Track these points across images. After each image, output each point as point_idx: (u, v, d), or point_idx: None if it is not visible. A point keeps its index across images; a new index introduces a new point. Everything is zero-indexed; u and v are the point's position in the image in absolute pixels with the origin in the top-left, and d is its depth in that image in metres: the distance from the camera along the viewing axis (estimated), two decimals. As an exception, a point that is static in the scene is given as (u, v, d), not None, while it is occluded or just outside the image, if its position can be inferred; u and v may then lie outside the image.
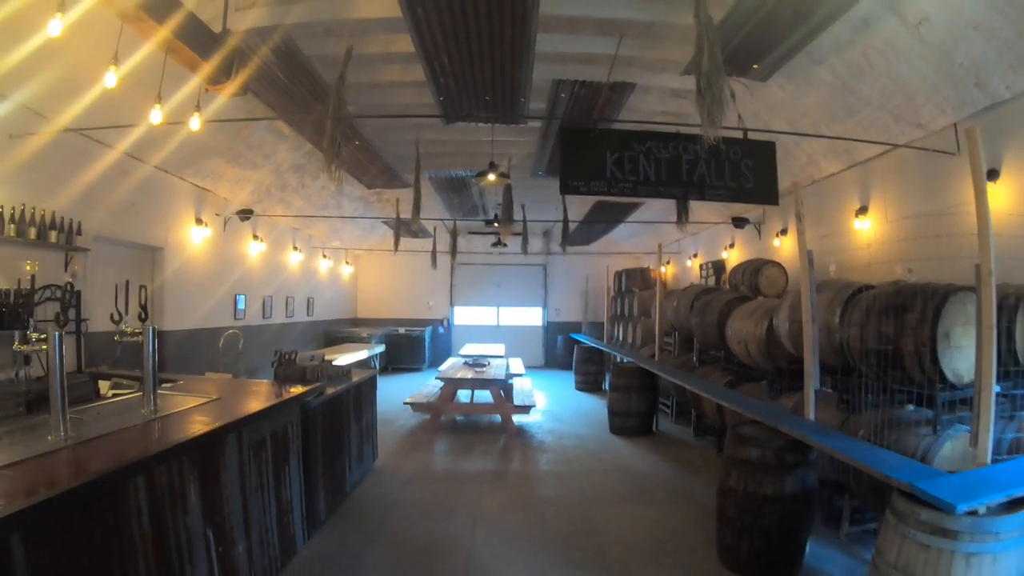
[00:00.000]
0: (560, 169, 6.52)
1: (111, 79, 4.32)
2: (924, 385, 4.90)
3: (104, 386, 5.66)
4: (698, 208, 10.79)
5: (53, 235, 6.64)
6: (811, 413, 5.68)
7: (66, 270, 6.98)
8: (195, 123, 5.25)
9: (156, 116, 4.85)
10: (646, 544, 5.57)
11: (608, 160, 6.59)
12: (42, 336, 3.58)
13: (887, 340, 5.21)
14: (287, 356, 6.05)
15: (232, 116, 7.68)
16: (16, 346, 3.51)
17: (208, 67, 4.72)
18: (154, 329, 3.92)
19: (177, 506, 3.31)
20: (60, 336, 3.13)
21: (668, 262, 17.23)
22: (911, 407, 5.34)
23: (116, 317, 3.92)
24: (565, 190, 6.47)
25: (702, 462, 8.29)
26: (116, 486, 2.83)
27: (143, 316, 3.90)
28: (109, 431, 3.46)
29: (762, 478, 4.93)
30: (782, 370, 7.30)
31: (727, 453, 5.23)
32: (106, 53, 4.53)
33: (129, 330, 3.98)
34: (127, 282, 4.10)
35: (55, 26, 3.77)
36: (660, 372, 9.28)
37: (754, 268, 9.46)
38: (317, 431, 5.55)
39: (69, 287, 3.84)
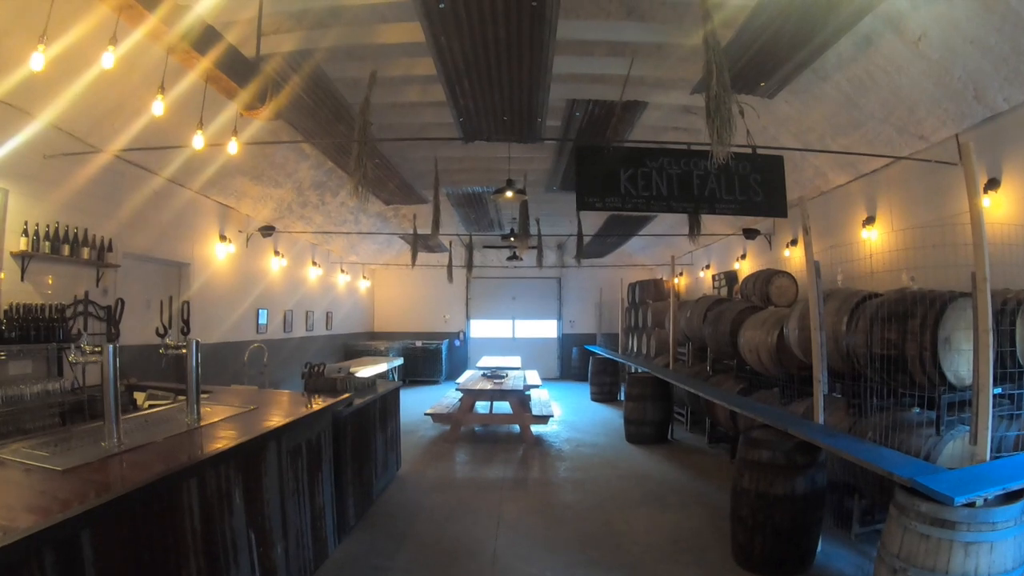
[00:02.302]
0: (576, 186, 6.73)
1: (159, 107, 4.60)
2: (927, 388, 5.06)
3: (140, 397, 5.91)
4: (710, 220, 10.97)
5: (86, 252, 6.89)
6: (820, 417, 5.86)
7: (97, 285, 7.27)
8: (233, 147, 5.55)
9: (199, 142, 5.14)
10: (663, 544, 5.76)
11: (622, 176, 6.78)
12: (96, 349, 3.83)
13: (891, 346, 5.36)
14: (316, 368, 6.31)
15: (259, 139, 7.98)
16: (72, 359, 3.75)
17: (245, 95, 5.00)
18: (197, 343, 4.18)
19: (224, 507, 3.55)
20: (115, 349, 3.38)
21: (681, 273, 17.35)
22: (916, 410, 5.48)
23: (161, 331, 4.18)
24: (582, 206, 6.69)
25: (716, 468, 8.45)
26: (172, 487, 3.07)
27: (185, 330, 4.15)
28: (156, 438, 3.70)
29: (773, 479, 5.10)
30: (793, 377, 7.45)
31: (740, 456, 5.42)
32: (137, 80, 4.81)
33: (172, 343, 4.24)
34: (171, 298, 4.36)
35: (108, 59, 4.04)
36: (674, 381, 9.49)
37: (765, 278, 9.65)
38: (347, 440, 5.80)
39: (119, 303, 4.08)
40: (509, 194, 8.55)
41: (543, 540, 5.85)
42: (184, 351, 4.18)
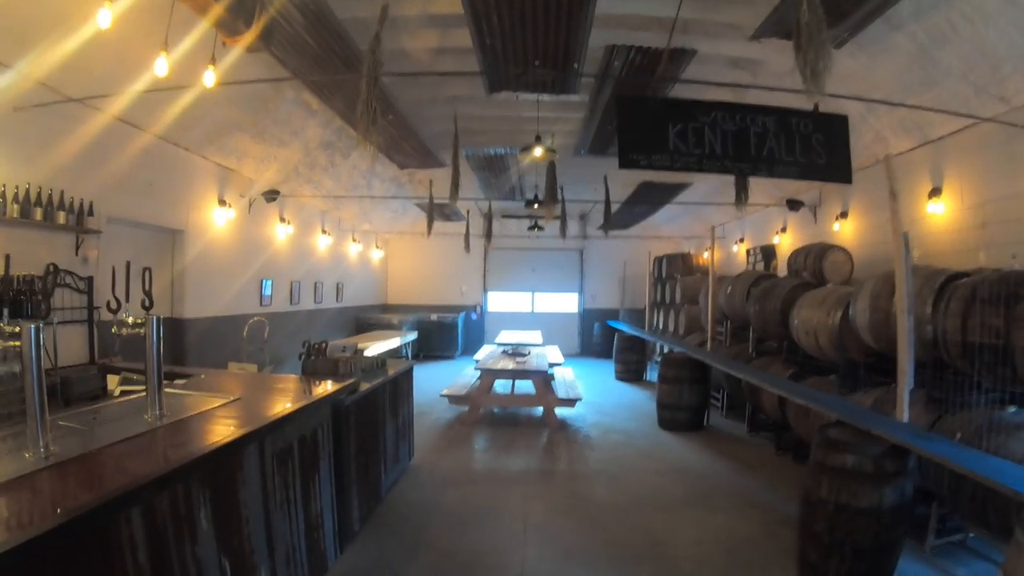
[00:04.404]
0: (618, 142, 5.87)
1: (105, 17, 3.71)
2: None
3: (112, 381, 5.14)
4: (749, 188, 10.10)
5: (61, 216, 6.18)
6: (904, 414, 5.02)
7: (76, 254, 6.51)
8: (209, 78, 4.63)
9: (162, 66, 4.25)
10: (716, 557, 4.96)
11: (670, 132, 5.93)
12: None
13: (994, 333, 4.57)
14: (317, 347, 5.49)
15: (257, 89, 7.13)
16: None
17: (220, 8, 4.09)
18: (158, 319, 3.35)
19: (185, 535, 2.75)
20: (37, 329, 2.55)
21: (711, 247, 16.49)
22: (1013, 408, 4.76)
23: (114, 305, 3.35)
24: (624, 164, 5.82)
25: (760, 461, 7.63)
26: (99, 525, 2.27)
27: (147, 304, 3.32)
28: (102, 444, 2.90)
29: (858, 489, 4.30)
30: (856, 364, 6.64)
31: (816, 459, 4.58)
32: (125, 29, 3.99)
33: (131, 320, 3.41)
34: (127, 263, 3.51)
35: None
36: (716, 363, 8.58)
37: (818, 253, 8.71)
38: (350, 432, 4.98)
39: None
40: (538, 151, 7.64)
41: (578, 551, 5.04)
42: (144, 331, 3.34)
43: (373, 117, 5.02)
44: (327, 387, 4.57)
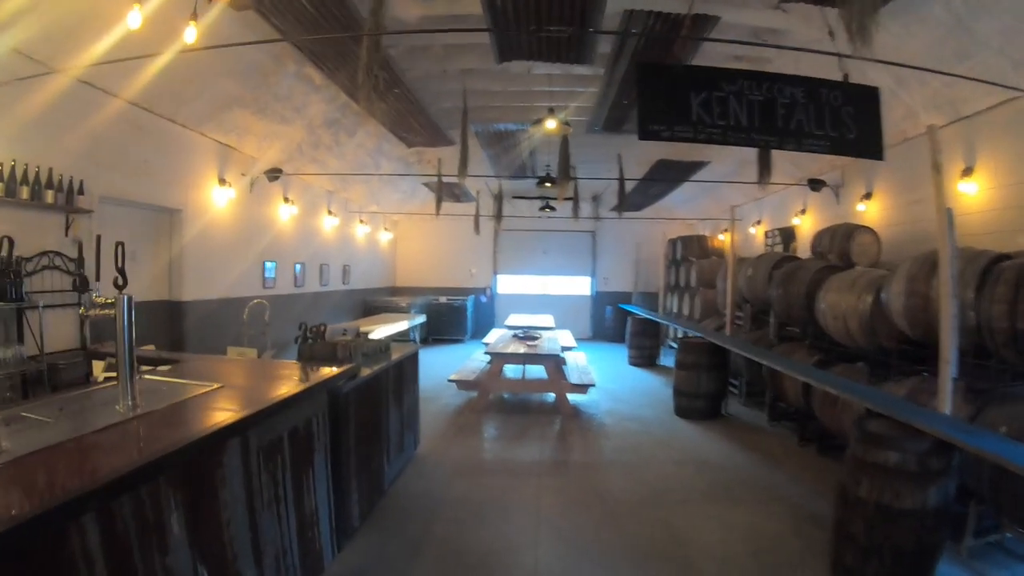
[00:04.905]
0: (638, 111, 5.49)
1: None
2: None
3: (98, 367, 4.82)
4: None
5: (49, 195, 5.90)
6: (947, 407, 4.64)
7: (66, 235, 6.21)
8: (190, 34, 4.27)
9: (135, 19, 3.88)
10: (742, 558, 4.61)
11: (694, 102, 5.55)
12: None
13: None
14: (314, 330, 5.14)
15: (256, 62, 6.75)
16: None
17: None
18: (129, 299, 3.00)
19: (152, 543, 2.41)
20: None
21: (726, 229, 16.07)
22: None
23: (78, 283, 3.01)
24: (644, 135, 5.44)
25: (783, 452, 7.27)
26: (43, 537, 1.94)
27: (120, 282, 2.98)
28: (62, 439, 2.57)
29: (901, 488, 3.95)
30: (888, 351, 6.26)
31: (854, 455, 4.21)
32: None
33: (101, 300, 3.07)
34: (98, 237, 3.17)
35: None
36: (738, 349, 8.17)
37: (844, 234, 8.27)
38: (350, 421, 4.65)
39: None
40: (551, 124, 7.23)
41: (594, 549, 4.71)
42: (113, 313, 3.00)
43: (375, 84, 4.68)
44: (324, 373, 4.21)
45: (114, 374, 4.56)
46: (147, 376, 3.93)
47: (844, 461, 4.36)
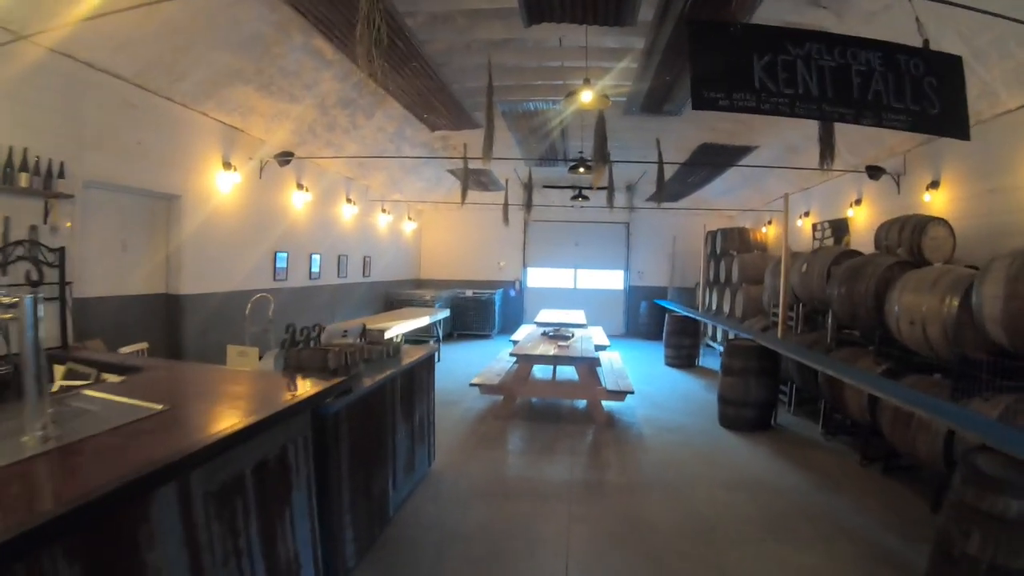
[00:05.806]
0: (691, 76, 4.66)
1: None
2: None
3: (59, 373, 4.10)
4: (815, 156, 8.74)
5: (24, 178, 5.23)
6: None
7: (45, 222, 5.52)
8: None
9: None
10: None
11: (756, 65, 4.74)
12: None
13: None
14: (306, 332, 4.38)
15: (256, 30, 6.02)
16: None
17: None
18: (34, 300, 2.26)
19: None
20: None
21: (770, 222, 15.12)
22: None
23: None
24: (699, 103, 4.63)
25: (842, 472, 6.38)
26: None
27: (33, 276, 2.23)
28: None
29: (1021, 547, 3.07)
30: (976, 363, 5.33)
31: (961, 499, 3.34)
32: None
33: (6, 301, 2.33)
34: (5, 219, 2.41)
35: None
36: (795, 356, 7.22)
37: (916, 226, 7.30)
38: (341, 444, 3.89)
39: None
40: (587, 96, 6.37)
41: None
42: (13, 316, 2.26)
43: (377, 37, 3.91)
44: (303, 391, 3.41)
45: (77, 383, 3.87)
46: (86, 392, 3.19)
47: (946, 506, 3.50)
